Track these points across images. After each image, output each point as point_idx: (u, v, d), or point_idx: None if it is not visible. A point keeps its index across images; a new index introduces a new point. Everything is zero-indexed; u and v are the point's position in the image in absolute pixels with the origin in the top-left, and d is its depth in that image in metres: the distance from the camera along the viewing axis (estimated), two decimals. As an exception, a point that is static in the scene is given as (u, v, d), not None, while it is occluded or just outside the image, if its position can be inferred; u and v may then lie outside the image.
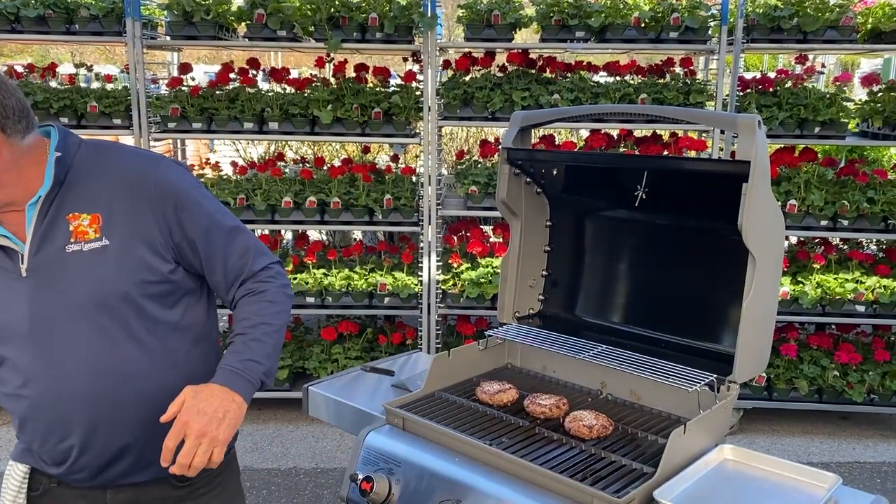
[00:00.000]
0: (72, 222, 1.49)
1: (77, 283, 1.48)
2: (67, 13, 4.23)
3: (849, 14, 4.17)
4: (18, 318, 1.48)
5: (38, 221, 1.49)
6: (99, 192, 1.51)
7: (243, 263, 1.62)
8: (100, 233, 1.49)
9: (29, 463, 1.61)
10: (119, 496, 1.62)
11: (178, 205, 1.55)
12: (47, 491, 1.62)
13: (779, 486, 1.55)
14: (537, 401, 1.81)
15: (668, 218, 1.98)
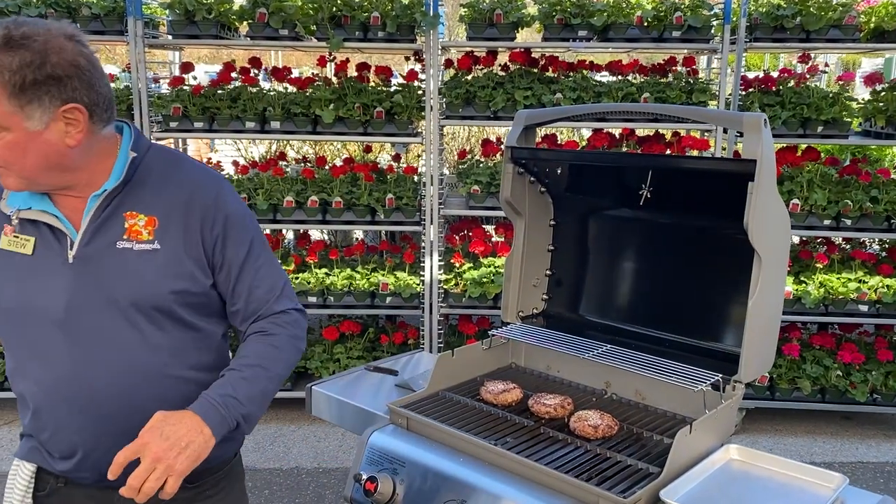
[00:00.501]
0: (128, 220, 1.51)
1: (120, 280, 1.49)
2: (69, 12, 4.23)
3: (852, 13, 4.16)
4: (55, 303, 1.48)
5: (95, 213, 1.50)
6: (159, 198, 1.53)
7: (266, 300, 1.61)
8: (153, 236, 1.51)
9: (36, 461, 1.60)
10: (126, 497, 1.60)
11: (228, 228, 1.57)
12: (55, 491, 1.61)
13: (785, 486, 1.54)
14: (542, 400, 1.80)
15: (673, 217, 1.97)
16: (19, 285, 1.50)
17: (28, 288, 1.50)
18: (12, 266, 1.51)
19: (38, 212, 1.50)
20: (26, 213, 1.51)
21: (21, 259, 1.51)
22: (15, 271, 1.51)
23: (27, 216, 1.51)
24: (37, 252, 1.50)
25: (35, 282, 1.49)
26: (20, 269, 1.50)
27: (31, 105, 1.36)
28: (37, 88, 1.35)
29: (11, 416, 4.51)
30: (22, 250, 1.51)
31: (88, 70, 1.41)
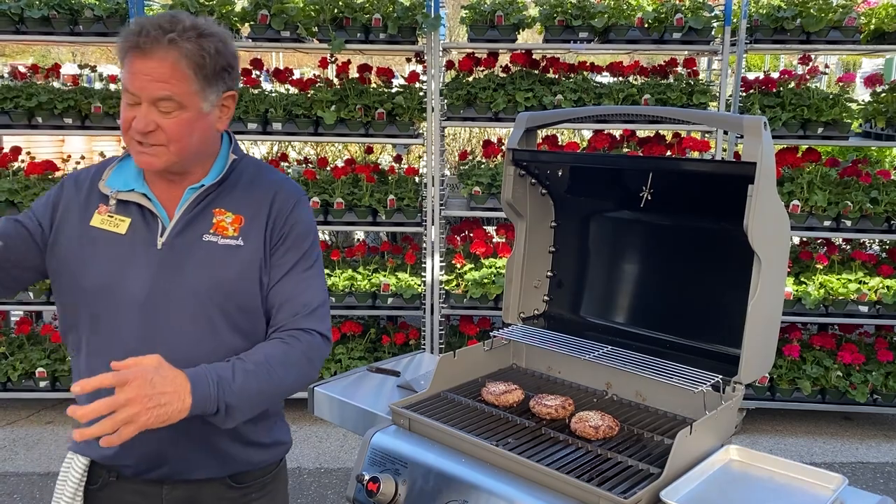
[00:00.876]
0: (217, 216, 1.58)
1: (202, 271, 1.53)
2: (71, 14, 4.24)
3: (852, 15, 4.17)
4: (139, 286, 1.52)
5: (190, 205, 1.57)
6: (247, 199, 1.61)
7: (296, 313, 1.60)
8: (238, 233, 1.57)
9: (89, 454, 1.61)
10: (175, 492, 1.62)
11: (291, 234, 1.63)
12: (106, 484, 1.62)
13: (785, 486, 1.55)
14: (543, 401, 1.81)
15: (673, 219, 1.98)
16: (107, 264, 1.54)
17: (115, 267, 1.53)
18: (102, 244, 1.55)
19: (139, 195, 1.57)
20: (126, 194, 1.57)
21: (112, 238, 1.55)
22: (104, 250, 1.55)
23: (125, 197, 1.57)
24: (128, 233, 1.55)
25: (123, 262, 1.54)
26: (110, 247, 1.54)
27: (211, 88, 1.50)
28: (219, 74, 1.50)
29: (14, 417, 4.53)
30: (115, 230, 1.55)
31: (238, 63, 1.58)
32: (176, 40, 1.43)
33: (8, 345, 4.47)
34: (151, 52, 1.43)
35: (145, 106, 1.46)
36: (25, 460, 4.01)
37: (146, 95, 1.45)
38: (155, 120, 1.46)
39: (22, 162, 4.57)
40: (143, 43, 1.42)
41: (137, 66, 1.44)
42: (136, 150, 1.51)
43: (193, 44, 1.44)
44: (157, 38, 1.42)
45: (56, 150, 9.58)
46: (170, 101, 1.45)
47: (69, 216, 1.58)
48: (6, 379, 4.33)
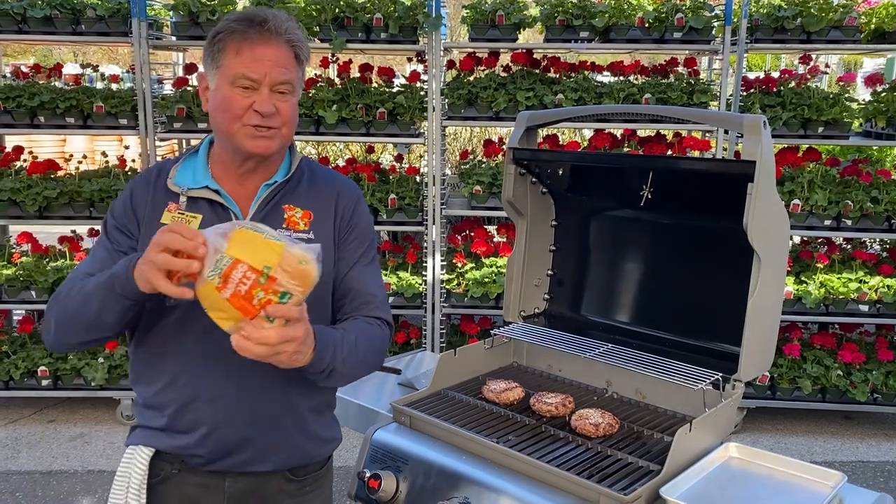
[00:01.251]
0: (287, 212, 1.63)
1: None
2: (74, 14, 4.25)
3: (852, 14, 4.18)
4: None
5: (263, 201, 1.61)
6: (311, 195, 1.67)
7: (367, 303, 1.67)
8: (309, 227, 1.63)
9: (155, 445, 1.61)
10: (237, 485, 1.63)
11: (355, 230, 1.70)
12: (168, 477, 1.63)
13: (784, 483, 1.56)
14: (543, 399, 1.82)
15: (673, 217, 1.99)
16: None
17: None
18: None
19: (211, 191, 1.60)
20: (196, 191, 1.59)
21: None
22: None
23: (196, 194, 1.59)
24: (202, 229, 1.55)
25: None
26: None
27: (301, 79, 1.61)
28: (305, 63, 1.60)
29: (16, 416, 4.54)
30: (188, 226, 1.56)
31: None
32: (288, 30, 1.54)
33: (10, 343, 4.48)
34: (273, 41, 1.52)
35: (266, 90, 1.53)
36: (28, 459, 4.02)
37: (269, 80, 1.52)
38: (274, 103, 1.53)
39: (24, 161, 4.58)
40: (269, 30, 1.51)
41: (260, 52, 1.51)
42: (252, 135, 1.55)
43: (296, 34, 1.55)
44: (277, 27, 1.52)
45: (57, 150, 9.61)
46: (287, 84, 1.54)
47: (146, 217, 1.60)
48: (8, 377, 4.34)
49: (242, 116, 1.53)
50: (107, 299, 1.45)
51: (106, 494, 3.66)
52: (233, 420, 1.59)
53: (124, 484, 1.60)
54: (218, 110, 1.55)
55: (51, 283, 4.32)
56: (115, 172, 4.56)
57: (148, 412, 1.64)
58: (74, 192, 4.32)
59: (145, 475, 1.60)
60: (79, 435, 4.31)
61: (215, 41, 1.54)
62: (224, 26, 1.53)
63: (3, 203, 4.27)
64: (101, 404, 4.60)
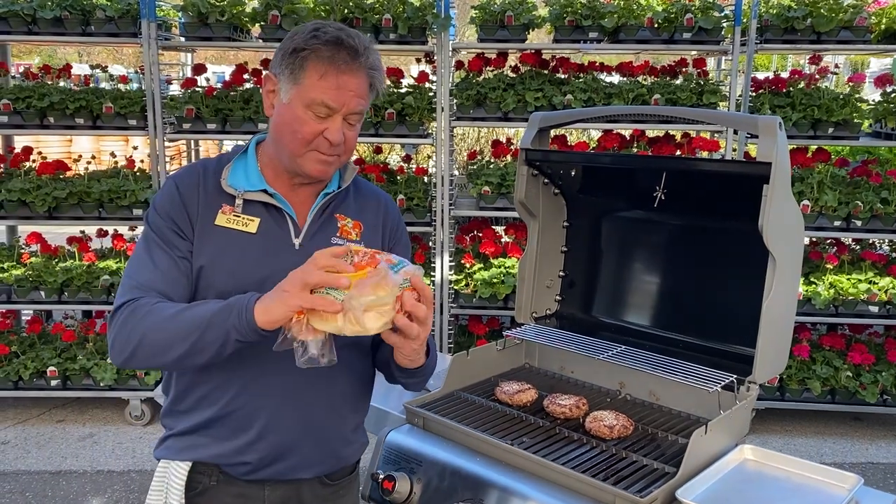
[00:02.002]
0: (339, 221, 1.66)
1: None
2: (83, 14, 4.26)
3: (862, 14, 4.17)
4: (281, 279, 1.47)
5: (319, 210, 1.63)
6: (359, 206, 1.70)
7: None
8: (360, 237, 1.66)
9: (191, 457, 1.59)
10: (276, 492, 1.62)
11: (399, 238, 1.77)
12: (206, 489, 1.60)
13: (800, 486, 1.55)
14: (557, 401, 1.82)
15: (686, 218, 1.99)
16: (244, 260, 1.54)
17: (255, 264, 1.54)
18: (231, 243, 1.55)
19: (269, 195, 1.59)
20: (253, 194, 1.58)
21: (242, 237, 1.56)
22: (237, 247, 1.55)
23: (252, 197, 1.58)
24: (261, 232, 1.57)
25: (264, 259, 1.55)
26: (243, 246, 1.55)
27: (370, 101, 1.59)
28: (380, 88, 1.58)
29: (25, 416, 4.55)
30: (245, 229, 1.57)
31: None
32: (369, 59, 1.51)
33: (19, 344, 4.50)
34: (356, 71, 1.50)
35: (339, 118, 1.51)
36: (37, 458, 4.03)
37: (346, 109, 1.51)
38: (344, 132, 1.53)
39: (33, 162, 4.60)
40: (359, 61, 1.50)
41: (343, 81, 1.49)
42: (316, 160, 1.54)
43: (374, 61, 1.53)
44: (357, 57, 1.49)
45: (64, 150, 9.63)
46: (360, 114, 1.55)
47: (197, 217, 1.57)
48: (18, 377, 4.35)
49: (312, 142, 1.51)
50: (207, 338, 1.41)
51: (115, 494, 3.68)
52: (282, 426, 1.58)
53: (161, 500, 1.58)
54: (286, 127, 1.52)
55: (60, 284, 4.34)
56: (124, 173, 4.57)
57: (188, 417, 1.60)
58: (83, 193, 4.33)
59: (183, 491, 1.57)
60: (88, 435, 4.32)
61: (298, 55, 1.48)
62: (310, 44, 1.48)
63: (13, 203, 4.29)
64: (109, 404, 4.61)
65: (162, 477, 1.60)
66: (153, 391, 4.34)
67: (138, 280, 1.52)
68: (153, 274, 1.52)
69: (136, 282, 1.52)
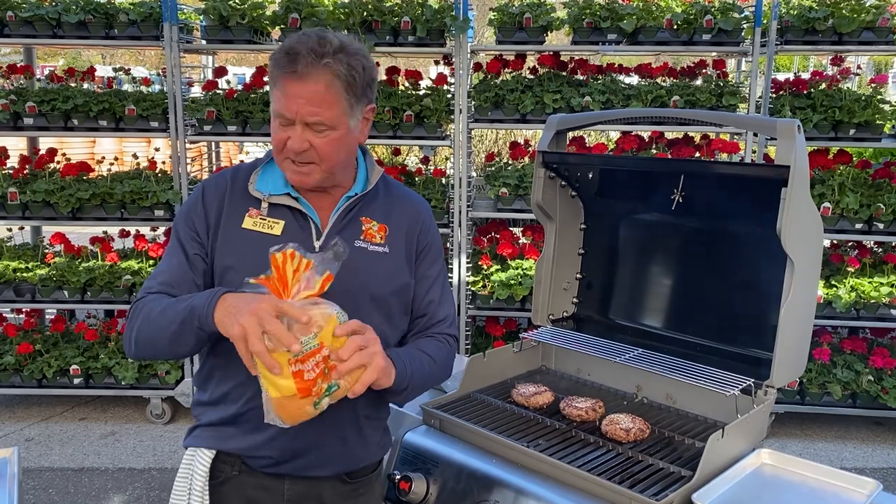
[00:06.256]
0: (364, 224, 1.66)
1: (355, 274, 1.59)
2: (107, 18, 4.32)
3: (885, 15, 4.12)
4: None
5: (342, 213, 1.64)
6: (387, 210, 1.70)
7: (442, 322, 1.74)
8: (384, 241, 1.66)
9: (215, 447, 1.63)
10: (296, 487, 1.65)
11: (431, 247, 1.75)
12: (228, 479, 1.65)
13: (818, 491, 1.55)
14: (573, 403, 1.83)
15: (704, 221, 1.98)
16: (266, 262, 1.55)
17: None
18: (257, 245, 1.58)
19: (292, 199, 1.62)
20: (278, 198, 1.62)
21: (267, 239, 1.59)
22: (261, 249, 1.54)
23: (277, 201, 1.62)
24: (283, 235, 1.60)
25: None
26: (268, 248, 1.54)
27: (357, 106, 1.55)
28: (363, 91, 1.54)
29: (49, 413, 4.62)
30: (270, 231, 1.61)
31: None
32: (330, 63, 1.47)
33: (43, 342, 4.56)
34: (307, 77, 1.47)
35: (300, 127, 1.51)
36: (60, 456, 4.09)
37: (300, 118, 1.50)
38: (309, 139, 1.52)
39: (58, 163, 4.66)
40: (299, 68, 1.46)
41: (292, 89, 1.48)
42: (291, 169, 1.57)
43: (344, 65, 1.48)
44: (311, 63, 1.46)
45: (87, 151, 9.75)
46: (320, 123, 1.51)
47: (222, 220, 1.63)
48: (41, 376, 4.41)
49: (283, 150, 1.54)
50: (184, 331, 1.48)
51: (136, 492, 3.72)
52: (302, 424, 1.58)
53: (186, 485, 1.62)
54: (272, 136, 1.57)
55: (83, 283, 4.40)
56: (147, 174, 4.63)
57: (214, 410, 1.65)
58: (106, 194, 4.38)
59: (207, 477, 1.61)
60: (110, 433, 4.38)
61: (269, 69, 1.54)
62: (275, 53, 1.52)
63: (38, 204, 4.35)
64: (131, 403, 4.67)
65: (188, 464, 1.64)
66: (174, 390, 4.39)
67: (154, 280, 1.61)
68: (165, 274, 1.61)
69: (152, 282, 1.61)
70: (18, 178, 4.52)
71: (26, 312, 4.78)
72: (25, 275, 4.46)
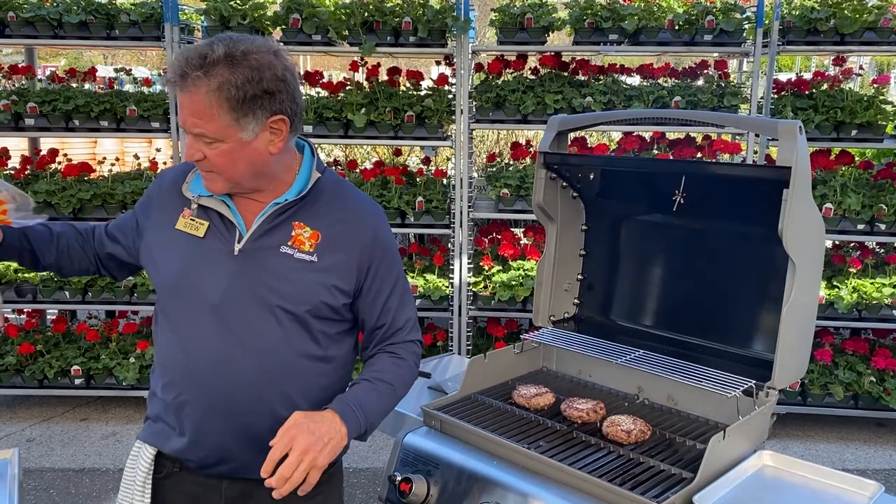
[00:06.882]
0: (295, 229, 1.62)
1: (275, 281, 1.59)
2: (108, 19, 4.32)
3: (887, 16, 4.11)
4: (214, 288, 1.58)
5: (270, 217, 1.61)
6: (326, 216, 1.64)
7: (403, 328, 1.73)
8: (314, 248, 1.61)
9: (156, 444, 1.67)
10: (234, 487, 1.67)
11: (383, 260, 1.68)
12: (170, 474, 1.68)
13: (819, 493, 1.54)
14: (574, 405, 1.82)
15: (705, 222, 1.98)
16: (185, 264, 1.61)
17: (193, 269, 1.61)
18: (182, 245, 1.62)
19: (217, 201, 1.62)
20: (205, 200, 1.63)
21: (190, 240, 1.62)
22: (184, 251, 1.62)
23: (205, 203, 1.63)
24: (207, 237, 1.62)
25: (200, 264, 1.60)
26: (189, 248, 1.62)
27: (247, 118, 1.49)
28: (253, 102, 1.48)
29: (50, 413, 4.62)
30: (195, 232, 1.62)
31: (292, 83, 1.54)
32: (201, 77, 1.44)
33: (44, 343, 4.56)
34: (185, 89, 1.46)
35: (190, 137, 1.52)
36: (61, 456, 4.09)
37: (187, 129, 1.51)
38: (201, 149, 1.52)
39: (59, 164, 4.67)
40: (178, 80, 1.46)
41: (179, 100, 1.49)
42: (202, 175, 1.59)
43: (221, 77, 1.44)
44: (187, 75, 1.45)
45: (89, 152, 9.75)
46: (203, 136, 1.50)
47: (156, 213, 1.68)
48: (42, 376, 4.42)
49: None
50: None
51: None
52: (215, 432, 1.62)
53: (132, 478, 1.67)
54: None
55: (84, 284, 4.40)
56: (147, 175, 4.63)
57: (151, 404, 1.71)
58: (107, 195, 4.39)
59: (149, 473, 1.66)
60: (111, 433, 4.38)
61: None
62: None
63: (40, 205, 4.35)
64: (131, 403, 4.66)
65: (134, 457, 1.70)
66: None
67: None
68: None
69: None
70: (20, 179, 4.52)
71: (28, 313, 4.78)
72: (27, 275, 4.47)
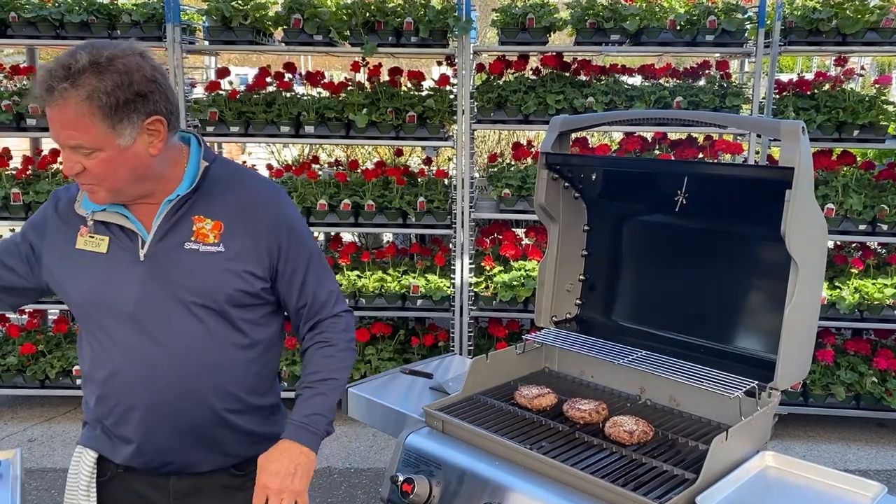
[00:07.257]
0: (196, 223, 1.61)
1: (186, 277, 1.59)
2: (109, 19, 4.32)
3: (889, 16, 4.11)
4: (126, 298, 1.58)
5: (167, 216, 1.60)
6: (225, 205, 1.63)
7: (326, 303, 1.74)
8: (219, 239, 1.61)
9: (97, 449, 1.68)
10: (182, 483, 1.69)
11: (291, 239, 1.68)
12: (115, 476, 1.69)
13: (821, 494, 1.54)
14: (577, 405, 1.82)
15: (707, 223, 1.97)
16: (93, 282, 1.61)
17: (101, 284, 1.60)
18: (87, 264, 1.61)
19: (113, 213, 1.61)
20: (101, 214, 1.61)
21: (95, 257, 1.61)
22: (90, 269, 1.61)
23: (101, 218, 1.62)
24: (111, 251, 1.61)
25: (108, 278, 1.60)
26: (95, 266, 1.61)
27: (122, 123, 1.46)
28: (127, 107, 1.45)
29: (51, 413, 4.62)
30: (97, 249, 1.61)
31: (163, 83, 1.52)
32: (68, 88, 1.41)
33: (46, 343, 4.57)
34: (53, 103, 1.43)
35: (67, 151, 1.48)
36: (63, 456, 4.09)
37: (62, 143, 1.47)
38: (80, 161, 1.48)
39: (60, 164, 4.67)
40: (44, 95, 1.43)
41: (49, 115, 1.45)
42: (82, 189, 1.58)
43: (90, 86, 1.41)
44: (52, 89, 1.41)
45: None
46: (80, 147, 1.46)
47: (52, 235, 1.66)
48: (44, 376, 4.42)
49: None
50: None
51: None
52: (158, 436, 1.62)
53: (75, 483, 1.67)
54: None
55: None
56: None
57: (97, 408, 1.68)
58: (109, 195, 4.39)
59: (93, 477, 1.67)
60: (112, 433, 4.38)
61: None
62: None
63: (40, 205, 4.35)
64: (133, 403, 4.67)
65: (75, 462, 1.69)
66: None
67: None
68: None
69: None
70: (21, 179, 4.52)
71: (29, 313, 4.78)
72: (28, 275, 4.46)
